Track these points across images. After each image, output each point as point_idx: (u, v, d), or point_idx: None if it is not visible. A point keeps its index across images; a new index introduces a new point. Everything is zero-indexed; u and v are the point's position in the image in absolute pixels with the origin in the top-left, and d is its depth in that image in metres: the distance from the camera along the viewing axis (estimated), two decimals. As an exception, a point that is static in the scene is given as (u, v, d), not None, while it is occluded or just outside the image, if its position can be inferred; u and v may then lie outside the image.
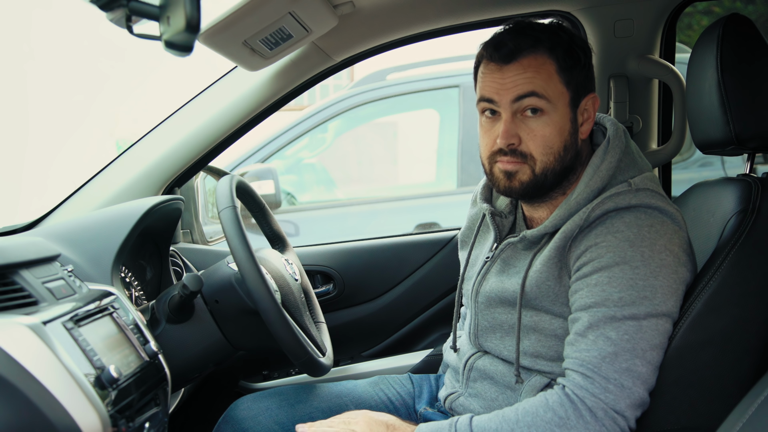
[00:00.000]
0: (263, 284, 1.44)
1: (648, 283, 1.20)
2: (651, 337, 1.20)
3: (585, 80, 1.33)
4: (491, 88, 1.30)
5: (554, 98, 1.28)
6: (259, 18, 1.54)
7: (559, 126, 1.29)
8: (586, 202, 1.28)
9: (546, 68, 1.27)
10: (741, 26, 1.39)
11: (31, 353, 1.03)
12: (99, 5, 0.86)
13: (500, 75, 1.29)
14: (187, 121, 1.97)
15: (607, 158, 1.32)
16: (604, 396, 1.17)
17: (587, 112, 1.34)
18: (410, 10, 1.91)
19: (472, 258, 1.51)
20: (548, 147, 1.28)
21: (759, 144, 1.39)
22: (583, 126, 1.34)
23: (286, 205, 4.14)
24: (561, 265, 1.28)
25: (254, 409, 1.56)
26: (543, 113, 1.28)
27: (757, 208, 1.29)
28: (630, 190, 1.27)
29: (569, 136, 1.30)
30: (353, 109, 4.11)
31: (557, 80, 1.28)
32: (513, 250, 1.39)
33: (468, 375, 1.44)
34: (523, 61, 1.27)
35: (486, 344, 1.42)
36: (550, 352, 1.31)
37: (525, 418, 1.20)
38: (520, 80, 1.27)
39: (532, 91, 1.26)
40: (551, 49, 1.28)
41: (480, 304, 1.42)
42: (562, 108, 1.29)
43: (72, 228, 1.56)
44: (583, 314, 1.22)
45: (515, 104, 1.28)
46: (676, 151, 2.07)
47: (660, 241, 1.22)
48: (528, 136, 1.28)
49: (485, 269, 1.44)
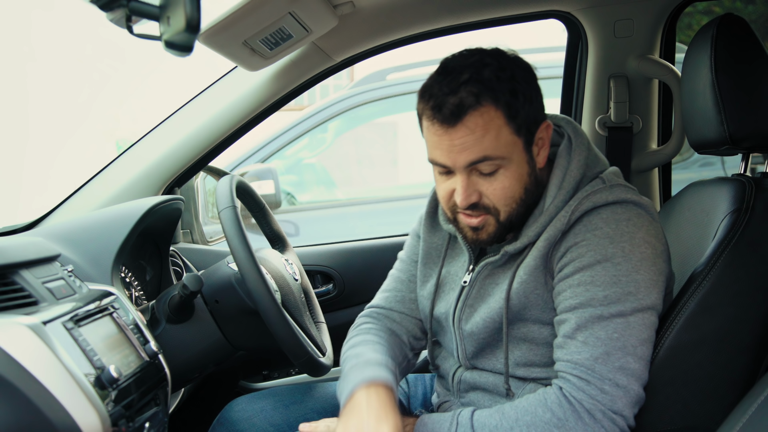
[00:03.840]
0: (263, 284, 1.44)
1: (631, 278, 1.20)
2: (639, 332, 1.20)
3: (535, 114, 1.24)
4: (441, 153, 1.22)
5: (508, 153, 1.21)
6: (259, 18, 1.54)
7: (517, 174, 1.24)
8: (564, 204, 1.26)
9: (494, 123, 1.19)
10: (735, 26, 1.39)
11: (31, 353, 1.03)
12: (99, 5, 0.86)
13: (448, 138, 1.20)
14: (187, 121, 1.97)
15: (575, 157, 1.29)
16: (602, 397, 1.17)
17: (542, 141, 1.27)
18: (410, 10, 1.91)
19: (442, 278, 1.44)
20: (510, 198, 1.24)
21: (753, 144, 1.40)
22: (539, 155, 1.28)
23: (286, 205, 4.13)
24: (546, 271, 1.27)
25: (249, 411, 1.55)
26: (499, 167, 1.22)
27: (751, 208, 1.29)
28: (605, 187, 1.26)
29: (529, 177, 1.26)
30: (353, 109, 4.11)
31: (507, 132, 1.20)
32: (492, 267, 1.34)
33: (458, 387, 1.42)
34: (468, 122, 1.18)
35: (473, 362, 1.40)
36: (543, 359, 1.30)
37: (524, 417, 1.20)
38: (469, 143, 1.19)
39: (484, 156, 1.20)
40: (495, 100, 1.18)
41: (464, 331, 1.38)
42: (517, 157, 1.23)
43: (72, 228, 1.57)
44: (570, 315, 1.22)
45: (469, 167, 1.22)
46: (676, 151, 2.07)
47: (638, 233, 1.22)
48: (488, 191, 1.24)
49: (465, 295, 1.38)
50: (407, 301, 1.52)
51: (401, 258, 1.57)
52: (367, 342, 1.42)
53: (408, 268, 1.54)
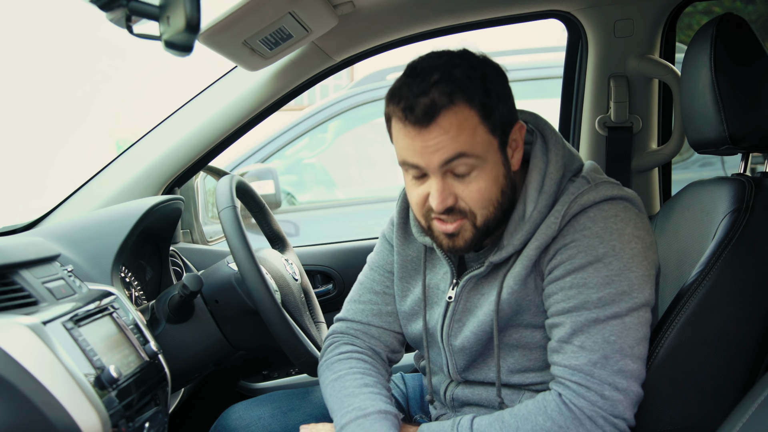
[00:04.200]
0: (263, 284, 1.44)
1: (624, 277, 1.18)
2: (635, 331, 1.18)
3: (508, 114, 1.21)
4: (414, 153, 1.17)
5: (483, 152, 1.17)
6: (259, 18, 1.54)
7: (493, 175, 1.19)
8: (548, 209, 1.23)
9: (469, 123, 1.15)
10: (734, 26, 1.39)
11: (31, 353, 1.03)
12: (99, 5, 0.86)
13: (421, 139, 1.15)
14: (187, 121, 1.97)
15: (552, 158, 1.25)
16: (602, 403, 1.16)
17: (516, 142, 1.24)
18: (410, 10, 1.91)
19: (427, 293, 1.39)
20: (486, 200, 1.20)
21: (753, 143, 1.39)
22: (514, 157, 1.24)
23: (286, 205, 4.13)
24: (536, 275, 1.24)
25: (246, 419, 1.53)
26: (474, 167, 1.17)
27: (751, 208, 1.29)
28: (591, 187, 1.23)
29: (504, 179, 1.22)
30: (353, 109, 4.11)
31: (482, 131, 1.16)
32: (476, 279, 1.31)
33: (452, 404, 1.40)
34: (442, 121, 1.14)
35: (465, 375, 1.37)
36: (538, 363, 1.28)
37: (524, 426, 1.19)
38: (443, 142, 1.14)
39: (460, 153, 1.15)
40: (469, 99, 1.14)
41: (455, 347, 1.33)
42: (492, 157, 1.19)
43: (72, 228, 1.57)
44: (564, 319, 1.20)
45: (444, 167, 1.17)
46: (676, 151, 2.07)
47: (627, 229, 1.20)
48: (464, 193, 1.19)
49: (451, 311, 1.33)
50: (384, 315, 1.45)
51: (372, 266, 1.50)
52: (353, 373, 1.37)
53: (380, 278, 1.47)
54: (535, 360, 1.28)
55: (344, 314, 1.49)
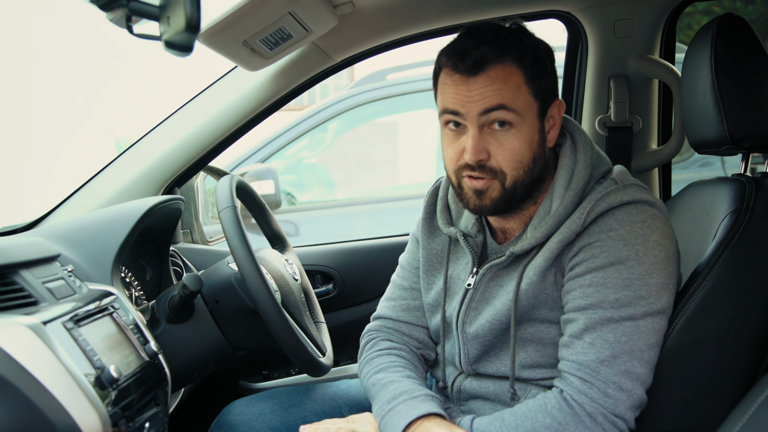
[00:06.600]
0: (263, 284, 1.44)
1: (643, 282, 1.19)
2: (648, 336, 1.19)
3: (552, 87, 1.28)
4: (456, 100, 1.23)
5: (523, 110, 1.23)
6: (259, 18, 1.54)
7: (528, 138, 1.24)
8: (574, 205, 1.26)
9: (514, 79, 1.22)
10: (735, 26, 1.39)
11: (31, 353, 1.03)
12: (99, 5, 0.86)
13: (466, 87, 1.22)
14: (187, 121, 1.97)
15: (581, 157, 1.29)
16: (604, 401, 1.17)
17: (553, 119, 1.29)
18: (410, 10, 1.91)
19: (448, 283, 1.43)
20: (518, 161, 1.24)
21: (753, 144, 1.39)
22: (550, 133, 1.29)
23: (286, 205, 4.13)
24: (556, 270, 1.26)
25: (247, 414, 1.54)
26: (511, 126, 1.23)
27: (751, 208, 1.29)
28: (619, 188, 1.25)
29: (538, 147, 1.26)
30: (353, 109, 4.11)
31: (525, 91, 1.23)
32: (497, 268, 1.33)
33: (458, 396, 1.41)
34: (490, 72, 1.21)
35: (476, 367, 1.38)
36: (550, 360, 1.29)
37: (524, 424, 1.19)
38: (487, 92, 1.21)
39: (501, 104, 1.21)
40: (518, 58, 1.22)
41: (468, 334, 1.36)
42: (530, 119, 1.24)
43: (72, 228, 1.57)
44: (579, 315, 1.21)
45: (483, 117, 1.22)
46: (676, 151, 2.07)
47: (653, 236, 1.21)
48: (497, 151, 1.23)
49: (468, 298, 1.37)
50: (412, 309, 1.50)
51: (402, 264, 1.55)
52: (394, 366, 1.40)
53: (409, 275, 1.52)
54: (548, 356, 1.29)
55: (378, 312, 1.55)
